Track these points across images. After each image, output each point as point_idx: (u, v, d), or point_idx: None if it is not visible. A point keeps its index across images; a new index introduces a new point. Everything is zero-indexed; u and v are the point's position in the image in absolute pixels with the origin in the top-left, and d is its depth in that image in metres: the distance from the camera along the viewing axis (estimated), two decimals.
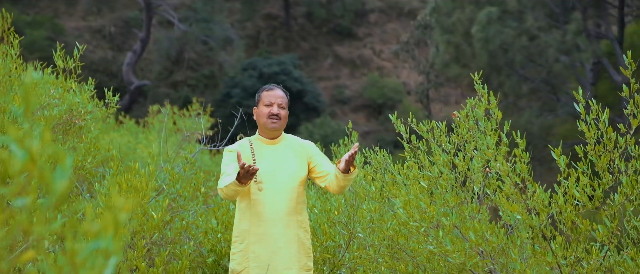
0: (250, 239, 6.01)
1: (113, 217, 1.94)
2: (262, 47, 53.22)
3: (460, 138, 6.42)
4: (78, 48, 7.63)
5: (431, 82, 49.75)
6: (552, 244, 5.48)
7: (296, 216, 6.08)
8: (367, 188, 7.32)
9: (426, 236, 6.26)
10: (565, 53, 36.43)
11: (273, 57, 48.51)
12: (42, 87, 7.47)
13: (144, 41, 47.70)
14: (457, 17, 39.58)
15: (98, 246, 1.92)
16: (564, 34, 36.03)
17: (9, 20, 7.94)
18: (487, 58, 36.41)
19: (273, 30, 56.07)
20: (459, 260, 5.87)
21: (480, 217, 6.09)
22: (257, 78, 44.19)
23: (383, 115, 49.01)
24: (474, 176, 6.26)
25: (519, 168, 5.60)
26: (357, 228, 7.36)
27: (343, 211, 7.62)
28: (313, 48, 55.51)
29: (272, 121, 6.18)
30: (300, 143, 6.35)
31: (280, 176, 6.09)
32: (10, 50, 7.46)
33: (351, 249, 7.58)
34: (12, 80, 7.31)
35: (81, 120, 7.76)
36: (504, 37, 35.71)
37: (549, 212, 5.53)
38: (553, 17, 37.80)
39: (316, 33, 56.53)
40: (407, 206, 6.27)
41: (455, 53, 40.39)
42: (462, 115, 6.40)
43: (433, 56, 45.47)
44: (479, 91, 6.37)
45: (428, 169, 6.49)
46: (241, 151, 6.19)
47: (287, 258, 5.98)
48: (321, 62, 54.57)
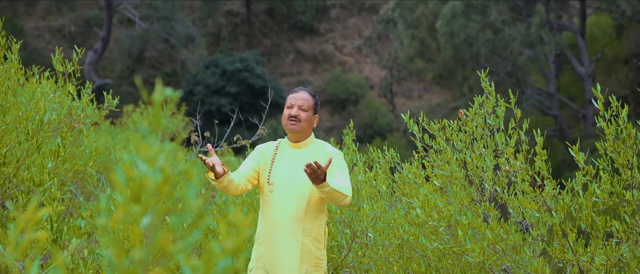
0: (260, 239, 6.03)
1: (239, 235, 1.93)
2: (223, 44, 53.07)
3: (469, 136, 6.43)
4: (77, 52, 7.57)
5: (394, 76, 49.84)
6: (569, 241, 5.51)
7: (303, 224, 5.98)
8: (379, 188, 7.31)
9: (443, 235, 6.26)
10: (529, 46, 36.71)
11: (235, 54, 48.33)
12: (41, 90, 7.40)
13: (104, 40, 47.40)
14: (421, 11, 39.71)
15: (228, 264, 1.91)
16: (528, 27, 36.31)
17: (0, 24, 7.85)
18: (452, 53, 36.60)
19: (234, 27, 55.92)
20: (477, 259, 5.88)
21: (492, 215, 6.11)
22: (220, 76, 44.06)
23: (346, 110, 49.09)
24: (485, 174, 6.28)
25: (539, 166, 5.62)
26: (359, 227, 7.34)
27: (345, 211, 7.60)
28: (275, 44, 55.46)
29: (291, 123, 6.13)
30: (327, 152, 6.22)
31: (292, 182, 6.04)
32: (9, 55, 7.38)
33: (354, 249, 7.57)
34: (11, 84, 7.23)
35: (80, 123, 7.70)
36: (468, 31, 35.90)
37: (568, 209, 5.56)
38: (516, 11, 38.07)
39: (278, 29, 56.48)
40: (425, 206, 6.26)
41: (420, 47, 40.52)
42: (471, 113, 6.41)
43: (397, 51, 45.54)
44: (485, 89, 6.39)
45: (440, 168, 6.50)
46: (265, 150, 6.23)
47: (287, 264, 5.92)
48: (283, 58, 54.53)
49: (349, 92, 49.70)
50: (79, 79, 7.85)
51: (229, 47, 52.21)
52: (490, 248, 5.89)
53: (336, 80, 50.55)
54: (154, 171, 1.90)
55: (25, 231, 2.06)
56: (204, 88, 43.45)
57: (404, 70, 48.84)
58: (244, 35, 55.30)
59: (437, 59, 39.61)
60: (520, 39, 36.07)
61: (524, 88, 38.27)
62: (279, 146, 6.25)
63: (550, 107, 38.83)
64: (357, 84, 50.45)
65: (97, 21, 51.54)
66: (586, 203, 5.48)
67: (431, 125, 6.56)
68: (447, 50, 36.77)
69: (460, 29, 35.79)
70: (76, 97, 7.81)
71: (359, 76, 52.43)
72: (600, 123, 5.52)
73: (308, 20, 56.22)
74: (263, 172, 6.10)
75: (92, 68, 46.29)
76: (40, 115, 5.14)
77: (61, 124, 6.72)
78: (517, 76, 38.04)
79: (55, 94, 7.53)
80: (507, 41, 36.51)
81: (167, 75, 49.43)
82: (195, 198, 1.90)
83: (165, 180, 1.91)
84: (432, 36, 38.96)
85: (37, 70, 7.73)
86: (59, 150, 5.02)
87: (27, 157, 5.03)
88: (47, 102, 7.39)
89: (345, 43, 56.13)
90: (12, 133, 5.40)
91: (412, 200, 6.52)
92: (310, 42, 55.83)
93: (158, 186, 1.89)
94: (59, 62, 7.62)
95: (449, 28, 36.03)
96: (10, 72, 7.31)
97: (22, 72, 7.56)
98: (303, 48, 55.16)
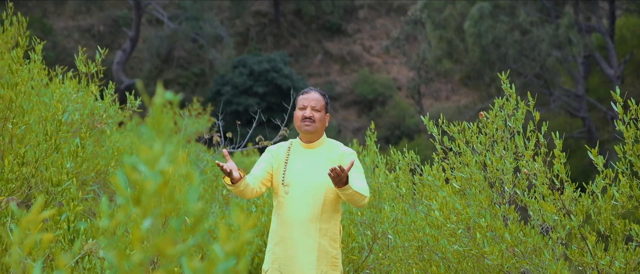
0: (275, 240, 6.04)
1: (241, 238, 1.94)
2: (252, 45, 53.11)
3: (488, 138, 6.41)
4: (100, 52, 7.61)
5: (422, 77, 49.73)
6: (588, 245, 5.49)
7: (319, 224, 6.00)
8: (397, 190, 7.30)
9: (462, 237, 6.25)
10: (557, 47, 36.51)
11: (263, 54, 48.36)
12: (64, 91, 7.45)
13: (133, 40, 47.55)
14: (449, 12, 39.60)
15: (230, 266, 1.92)
16: (556, 28, 36.11)
17: (24, 24, 7.91)
18: (479, 54, 36.47)
19: (262, 27, 55.95)
20: (496, 261, 5.87)
21: (512, 218, 6.09)
22: (248, 76, 44.10)
23: (374, 110, 49.01)
24: (505, 176, 6.26)
25: (557, 169, 5.60)
26: (380, 229, 7.34)
27: (366, 213, 7.60)
28: (303, 45, 55.44)
29: (305, 124, 6.16)
30: (341, 151, 6.24)
31: (307, 183, 6.06)
32: (33, 55, 7.43)
33: (375, 251, 7.56)
34: (34, 85, 7.28)
35: (103, 123, 7.74)
36: (496, 32, 35.76)
37: (587, 212, 5.54)
38: (545, 12, 37.89)
39: (306, 30, 56.44)
40: (444, 208, 6.26)
41: (448, 48, 40.40)
42: (491, 115, 6.39)
43: (424, 51, 45.43)
44: (506, 90, 6.37)
45: (459, 170, 6.48)
46: (277, 152, 6.24)
47: (305, 264, 5.94)
48: (311, 58, 54.50)
49: (377, 93, 49.61)
50: (106, 79, 7.88)
51: (257, 47, 52.24)
52: (509, 250, 5.87)
53: (364, 81, 50.45)
54: (155, 174, 1.91)
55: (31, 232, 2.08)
56: (231, 89, 43.50)
57: (431, 71, 48.73)
58: (272, 36, 55.33)
59: (464, 60, 39.47)
60: (548, 40, 35.87)
61: (552, 89, 38.07)
62: (291, 147, 6.26)
63: (579, 108, 38.58)
64: (384, 85, 50.33)
65: (126, 21, 51.73)
66: (605, 206, 5.45)
67: (451, 127, 6.54)
68: (474, 51, 36.64)
69: (488, 30, 35.67)
70: (99, 97, 7.85)
71: (387, 77, 52.30)
72: (619, 126, 5.49)
73: (336, 20, 56.15)
74: (277, 174, 6.11)
75: (121, 68, 46.47)
76: (58, 116, 5.16)
77: (81, 124, 6.75)
78: (545, 78, 37.83)
79: (78, 94, 7.57)
80: (535, 42, 36.34)
81: (195, 75, 49.53)
82: (195, 201, 1.91)
83: (166, 182, 1.92)
84: (459, 37, 38.85)
85: (60, 70, 7.77)
86: (77, 150, 5.05)
87: (46, 157, 5.07)
88: (70, 102, 7.43)
89: (373, 44, 56.03)
90: (32, 134, 5.45)
91: (431, 202, 6.52)
92: (338, 43, 55.76)
93: (158, 189, 1.91)
94: (82, 63, 7.66)
95: (477, 29, 35.90)
96: (34, 72, 7.37)
97: (46, 72, 7.61)
98: (331, 48, 55.10)
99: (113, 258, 1.93)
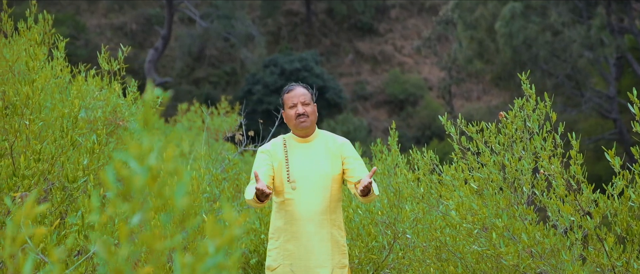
0: (285, 237, 6.05)
1: (230, 234, 1.96)
2: (283, 44, 53.19)
3: (508, 138, 6.39)
4: (122, 50, 7.65)
5: (453, 77, 49.60)
6: (605, 246, 5.47)
7: (330, 215, 6.08)
8: (415, 190, 7.29)
9: (478, 238, 6.25)
10: (589, 48, 36.29)
11: (294, 53, 48.45)
12: (86, 88, 7.50)
13: (165, 38, 47.77)
14: (480, 12, 39.47)
15: (217, 262, 1.93)
16: (588, 29, 35.91)
17: (50, 21, 7.96)
18: (510, 54, 36.32)
19: (294, 26, 56.03)
20: (512, 262, 5.86)
21: (530, 218, 6.08)
22: (279, 75, 44.19)
23: (405, 110, 48.97)
24: (523, 177, 6.25)
25: (574, 170, 5.59)
26: (401, 228, 7.34)
27: (387, 212, 7.59)
28: (334, 44, 55.45)
29: (301, 121, 6.16)
30: (336, 142, 6.32)
31: (313, 176, 6.10)
32: (56, 53, 7.48)
33: (395, 250, 7.57)
34: (58, 82, 7.34)
35: (125, 121, 7.78)
36: (527, 32, 35.60)
37: (603, 213, 5.52)
38: (576, 12, 37.67)
39: (337, 29, 56.45)
40: (460, 208, 6.26)
41: (479, 49, 40.26)
42: (510, 115, 6.38)
43: (455, 52, 45.31)
44: (526, 91, 6.35)
45: (477, 170, 6.47)
46: (273, 151, 6.22)
47: (321, 256, 6.00)
48: (342, 58, 54.51)
49: (408, 93, 49.57)
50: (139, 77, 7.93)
51: (288, 46, 52.31)
52: (526, 251, 5.86)
53: (395, 81, 50.41)
54: (143, 169, 1.93)
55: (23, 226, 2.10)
56: (262, 88, 43.60)
57: (463, 72, 48.59)
58: (304, 35, 55.40)
59: (495, 61, 39.31)
60: (580, 41, 35.66)
61: (583, 91, 37.84)
62: (285, 143, 6.26)
63: (610, 110, 38.32)
64: (415, 85, 50.29)
65: (159, 19, 51.98)
66: (622, 208, 5.43)
67: (469, 127, 6.53)
68: (505, 51, 36.50)
69: (520, 31, 35.52)
70: (121, 95, 7.89)
71: (418, 77, 52.25)
72: (636, 127, 5.47)
73: (368, 20, 56.11)
74: (279, 172, 6.11)
75: (153, 66, 46.69)
76: (74, 112, 5.21)
77: (98, 122, 6.79)
78: (577, 79, 37.61)
79: (101, 92, 7.62)
80: (566, 43, 36.14)
81: (226, 73, 49.69)
82: (182, 197, 1.93)
83: (154, 178, 1.94)
84: (491, 37, 38.70)
85: (83, 67, 7.82)
86: (94, 147, 5.10)
87: (62, 154, 5.11)
88: (93, 99, 7.48)
89: (405, 44, 55.97)
90: (49, 130, 5.50)
91: (448, 202, 6.52)
92: (369, 42, 55.74)
93: (146, 184, 1.93)
94: (104, 60, 7.71)
95: (508, 29, 35.77)
96: (57, 69, 7.42)
97: (69, 70, 7.66)
98: (362, 48, 55.09)
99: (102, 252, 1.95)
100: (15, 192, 4.60)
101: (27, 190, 4.76)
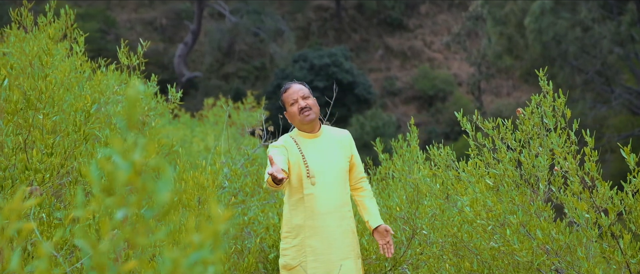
0: (306, 233, 6.03)
1: (213, 228, 1.96)
2: (312, 39, 53.26)
3: (525, 135, 6.37)
4: (142, 45, 7.68)
5: (482, 73, 49.48)
6: (620, 243, 5.44)
7: (347, 207, 6.15)
8: (431, 186, 7.28)
9: (493, 234, 6.23)
10: (619, 44, 36.08)
11: (324, 48, 48.48)
12: (105, 83, 7.53)
13: (195, 33, 47.97)
14: (510, 8, 39.34)
15: (199, 257, 1.94)
16: (618, 25, 35.70)
17: (72, 16, 8.00)
18: (540, 50, 36.17)
19: (324, 22, 56.08)
20: (526, 258, 5.84)
21: (546, 215, 6.05)
22: (308, 70, 44.24)
23: (434, 106, 48.88)
24: (540, 174, 6.22)
25: (588, 167, 5.56)
26: (420, 224, 7.34)
27: (405, 208, 7.59)
28: (364, 39, 55.45)
29: (305, 114, 6.14)
30: (341, 135, 6.40)
31: (329, 170, 6.12)
32: (75, 47, 7.52)
33: (413, 246, 7.56)
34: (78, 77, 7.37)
35: (144, 116, 7.81)
36: (557, 28, 35.42)
37: (618, 210, 5.49)
38: (607, 8, 37.43)
39: (367, 24, 56.44)
40: (474, 204, 6.24)
41: (508, 44, 40.12)
42: (527, 112, 6.35)
43: (485, 47, 45.18)
44: (543, 87, 6.32)
45: (493, 167, 6.45)
46: (289, 146, 6.20)
47: (344, 248, 6.04)
48: (372, 53, 54.49)
49: (437, 89, 49.51)
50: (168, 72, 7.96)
51: (317, 41, 52.37)
52: (541, 247, 5.84)
53: (424, 77, 50.37)
54: (126, 164, 1.94)
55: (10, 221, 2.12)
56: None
57: (492, 68, 48.46)
58: (333, 30, 55.43)
59: (525, 56, 39.16)
60: (610, 37, 35.46)
61: (613, 87, 37.62)
62: (295, 141, 6.26)
63: None
64: (445, 81, 50.23)
65: (188, 14, 52.17)
66: (637, 205, 5.40)
67: (485, 123, 6.51)
68: (535, 47, 36.35)
69: (549, 27, 35.35)
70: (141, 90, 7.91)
71: (447, 73, 52.19)
72: None
73: (397, 15, 56.08)
74: (295, 168, 6.09)
75: (182, 61, 46.89)
76: (86, 107, 5.23)
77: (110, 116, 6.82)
78: (607, 75, 37.39)
79: (120, 86, 7.66)
80: (596, 39, 35.93)
81: (255, 68, 49.80)
82: (165, 192, 1.94)
83: (137, 173, 1.94)
84: (520, 33, 38.55)
85: (103, 62, 7.86)
86: (107, 141, 5.13)
87: (75, 148, 5.14)
88: (112, 94, 7.52)
89: (434, 39, 55.89)
90: (63, 124, 5.53)
91: (462, 198, 6.51)
92: (399, 38, 55.71)
93: (128, 179, 1.93)
94: (124, 55, 7.74)
95: (538, 25, 35.61)
96: (77, 64, 7.46)
97: (88, 64, 7.70)
98: (392, 44, 55.06)
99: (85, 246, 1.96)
100: (28, 185, 4.64)
101: (40, 184, 4.79)
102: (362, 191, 6.40)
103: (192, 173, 6.50)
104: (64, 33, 8.07)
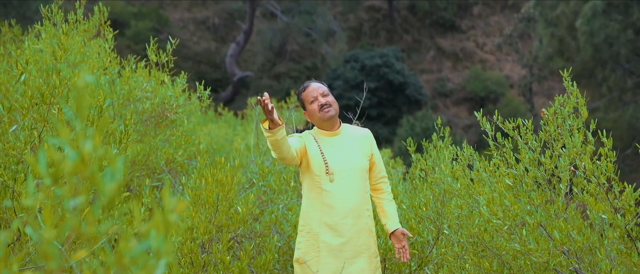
0: (321, 229, 6.04)
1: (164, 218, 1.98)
2: (364, 39, 53.22)
3: (548, 135, 6.33)
4: (171, 43, 7.75)
5: (534, 75, 49.10)
6: (637, 245, 5.40)
7: (366, 205, 6.17)
8: (452, 186, 7.27)
9: (510, 234, 6.21)
10: None
11: (375, 49, 48.41)
12: (135, 80, 7.61)
13: (247, 33, 48.13)
14: (562, 10, 39.03)
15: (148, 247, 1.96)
16: None
17: (105, 14, 8.08)
18: (591, 52, 35.83)
19: (376, 22, 56.00)
20: (541, 259, 5.81)
21: (566, 216, 6.02)
22: (359, 71, 44.21)
23: (485, 108, 48.60)
24: (561, 174, 6.19)
25: (605, 167, 5.52)
26: (445, 225, 7.33)
27: (431, 207, 7.57)
28: (415, 40, 55.30)
29: (326, 111, 6.15)
30: (361, 133, 6.41)
31: (348, 168, 6.12)
32: (104, 44, 7.61)
33: (439, 246, 7.54)
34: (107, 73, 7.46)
35: (173, 113, 7.87)
36: (609, 30, 35.06)
37: (637, 212, 5.44)
38: None
39: (419, 25, 56.29)
40: (491, 204, 6.22)
41: (559, 46, 39.79)
42: (550, 113, 6.32)
43: (536, 49, 44.85)
44: (567, 88, 6.29)
45: (513, 167, 6.43)
46: (308, 140, 6.20)
47: (358, 246, 6.07)
48: (423, 54, 54.33)
49: (489, 90, 49.25)
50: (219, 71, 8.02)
51: (369, 42, 52.32)
52: (559, 248, 5.81)
53: (476, 78, 50.14)
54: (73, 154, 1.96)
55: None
56: (343, 83, 43.63)
57: (545, 69, 48.08)
58: (385, 31, 55.35)
59: (576, 58, 38.80)
60: None
61: None
62: (315, 138, 6.25)
63: None
64: (497, 82, 49.94)
65: (240, 14, 52.37)
66: None
67: (505, 123, 6.49)
68: (586, 49, 36.00)
69: (601, 29, 34.99)
70: (170, 87, 7.98)
71: (499, 74, 51.89)
72: None
73: (450, 16, 55.88)
74: (315, 162, 6.08)
75: (234, 60, 47.08)
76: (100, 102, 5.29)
77: (123, 111, 6.89)
78: None
79: (149, 84, 7.73)
80: None
81: (307, 68, 49.84)
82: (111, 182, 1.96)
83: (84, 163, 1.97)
84: (571, 35, 38.22)
85: (133, 59, 7.93)
86: (121, 137, 5.18)
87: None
88: (141, 91, 7.59)
89: (487, 41, 55.59)
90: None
91: (480, 198, 6.49)
92: (451, 39, 55.49)
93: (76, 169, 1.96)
94: (152, 52, 7.81)
95: (589, 27, 35.27)
96: (105, 61, 7.54)
97: (117, 61, 7.78)
98: (444, 45, 54.86)
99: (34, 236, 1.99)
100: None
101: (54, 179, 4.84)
102: (382, 192, 6.42)
103: (211, 170, 6.54)
104: (98, 30, 8.17)
